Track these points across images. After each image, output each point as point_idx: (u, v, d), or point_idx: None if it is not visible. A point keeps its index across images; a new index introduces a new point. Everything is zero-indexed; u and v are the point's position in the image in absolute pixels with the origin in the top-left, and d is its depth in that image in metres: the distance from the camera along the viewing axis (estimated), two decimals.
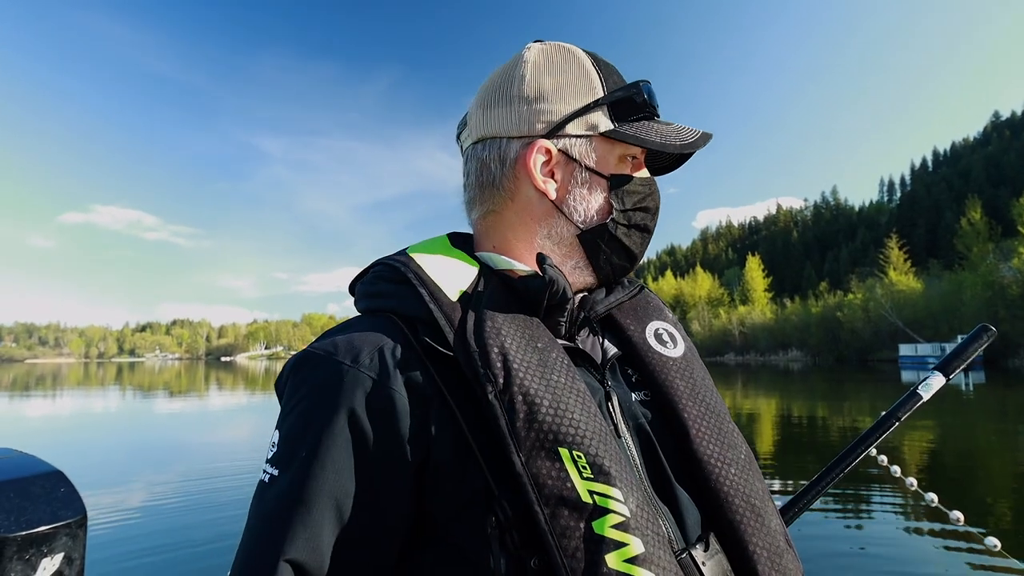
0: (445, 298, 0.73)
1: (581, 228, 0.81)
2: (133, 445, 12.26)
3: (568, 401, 0.66)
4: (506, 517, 0.61)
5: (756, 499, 0.76)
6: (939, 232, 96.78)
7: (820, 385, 29.85)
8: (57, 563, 0.72)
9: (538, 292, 0.75)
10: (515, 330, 0.71)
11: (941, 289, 61.66)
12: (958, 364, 1.11)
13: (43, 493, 0.76)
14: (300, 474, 0.63)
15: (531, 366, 0.67)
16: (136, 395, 28.14)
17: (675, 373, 0.83)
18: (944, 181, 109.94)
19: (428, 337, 0.70)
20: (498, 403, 0.64)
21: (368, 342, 0.70)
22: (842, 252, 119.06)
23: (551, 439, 0.63)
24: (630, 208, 0.81)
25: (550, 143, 0.79)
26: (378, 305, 0.78)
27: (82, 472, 8.99)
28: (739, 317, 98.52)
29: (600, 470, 0.62)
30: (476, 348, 0.67)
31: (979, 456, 9.74)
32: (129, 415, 19.27)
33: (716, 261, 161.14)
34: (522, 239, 0.83)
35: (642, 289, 0.95)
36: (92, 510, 5.04)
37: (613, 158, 0.80)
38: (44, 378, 51.19)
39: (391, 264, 0.79)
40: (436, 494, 0.65)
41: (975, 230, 65.20)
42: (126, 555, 5.33)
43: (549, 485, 0.60)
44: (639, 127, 0.80)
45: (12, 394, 29.11)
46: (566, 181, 0.80)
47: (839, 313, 74.40)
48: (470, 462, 0.64)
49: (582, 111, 0.79)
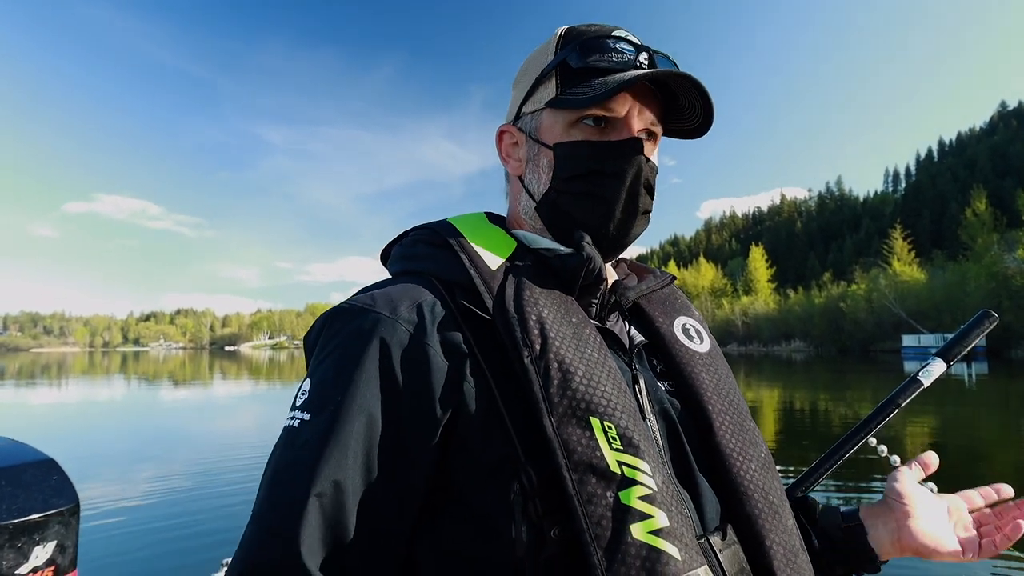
0: (485, 266, 0.74)
1: (535, 200, 0.82)
2: (138, 433, 12.34)
3: (601, 375, 0.67)
4: (531, 484, 0.60)
5: (774, 496, 0.76)
6: (944, 222, 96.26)
7: (823, 375, 29.86)
8: (50, 551, 0.71)
9: (576, 270, 0.75)
10: (552, 303, 0.72)
11: (945, 280, 61.39)
12: (959, 350, 1.09)
13: (35, 481, 0.75)
14: (335, 417, 0.63)
15: (567, 338, 0.69)
16: (141, 384, 28.29)
17: (701, 367, 0.83)
18: (949, 171, 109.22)
19: (466, 301, 0.71)
20: (534, 368, 0.65)
21: (408, 295, 0.71)
22: (846, 242, 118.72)
23: (583, 408, 0.63)
24: (573, 175, 0.78)
25: (512, 126, 0.85)
26: (416, 267, 0.79)
27: (87, 461, 9.08)
28: (742, 307, 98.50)
29: (629, 442, 0.62)
30: (515, 315, 0.68)
31: (981, 447, 9.75)
32: (134, 404, 19.39)
33: (720, 251, 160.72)
34: (513, 214, 0.89)
35: (673, 280, 0.96)
36: (97, 498, 5.10)
37: (559, 127, 0.79)
38: (49, 367, 51.41)
39: (433, 229, 0.81)
40: (461, 456, 0.65)
41: (980, 220, 64.73)
42: (131, 542, 5.38)
43: (579, 452, 0.61)
44: (583, 88, 0.76)
45: (18, 383, 29.25)
46: (524, 158, 0.84)
47: (842, 304, 74.25)
48: (497, 427, 0.64)
49: (533, 87, 0.81)
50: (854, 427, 1.04)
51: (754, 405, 15.53)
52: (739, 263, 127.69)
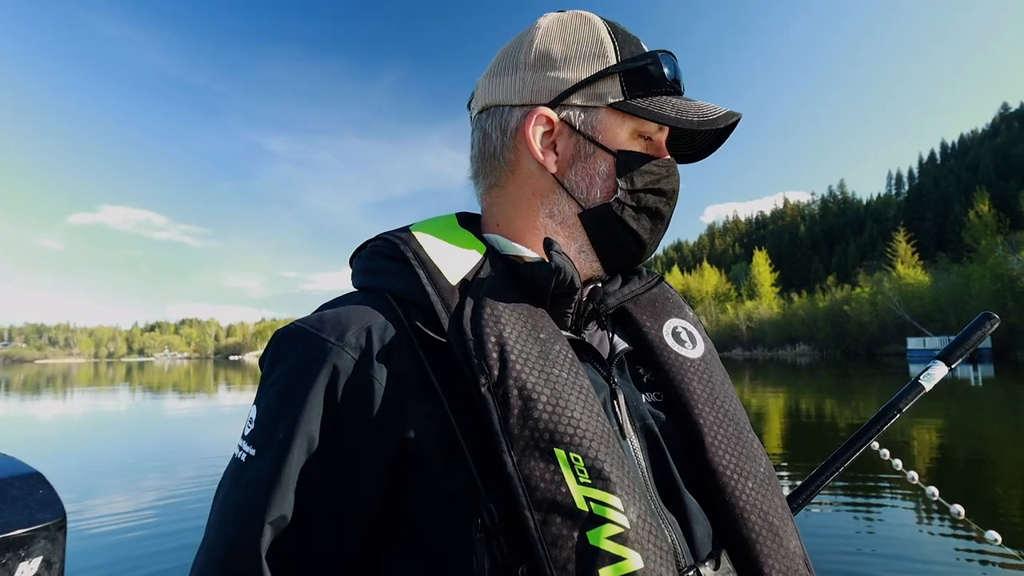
0: (444, 281, 0.68)
1: (583, 207, 0.75)
2: (140, 446, 12.29)
3: (569, 398, 0.61)
4: (492, 520, 0.56)
5: (774, 517, 0.70)
6: (947, 225, 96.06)
7: (827, 379, 29.73)
8: (35, 567, 0.70)
9: (544, 280, 0.69)
10: (516, 319, 0.66)
11: (949, 282, 61.15)
12: (961, 353, 1.08)
13: (21, 495, 0.73)
14: (277, 458, 0.60)
15: (531, 358, 0.63)
16: (146, 395, 28.27)
17: (692, 375, 0.77)
18: (952, 174, 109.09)
19: (421, 321, 0.66)
20: (491, 396, 0.59)
21: (357, 319, 0.67)
22: (850, 246, 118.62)
23: (547, 438, 0.58)
24: (640, 188, 0.73)
25: (552, 112, 0.74)
26: (373, 282, 0.74)
27: (86, 473, 9.06)
28: (746, 312, 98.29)
29: (599, 475, 0.57)
30: (472, 336, 0.63)
31: (985, 450, 9.67)
32: (138, 415, 19.33)
33: (723, 256, 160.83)
34: (524, 216, 0.78)
35: (660, 281, 0.88)
36: (101, 512, 5.07)
37: (623, 133, 0.73)
38: (54, 378, 51.49)
39: (390, 240, 0.75)
40: (417, 490, 0.61)
41: (983, 223, 64.42)
42: (125, 555, 5.34)
43: (542, 488, 0.56)
44: (653, 101, 0.73)
45: (23, 394, 29.28)
46: (568, 154, 0.75)
47: (846, 307, 73.97)
48: (456, 458, 0.60)
49: (590, 80, 0.73)
50: (855, 433, 1.01)
51: (759, 410, 15.42)
52: (743, 267, 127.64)
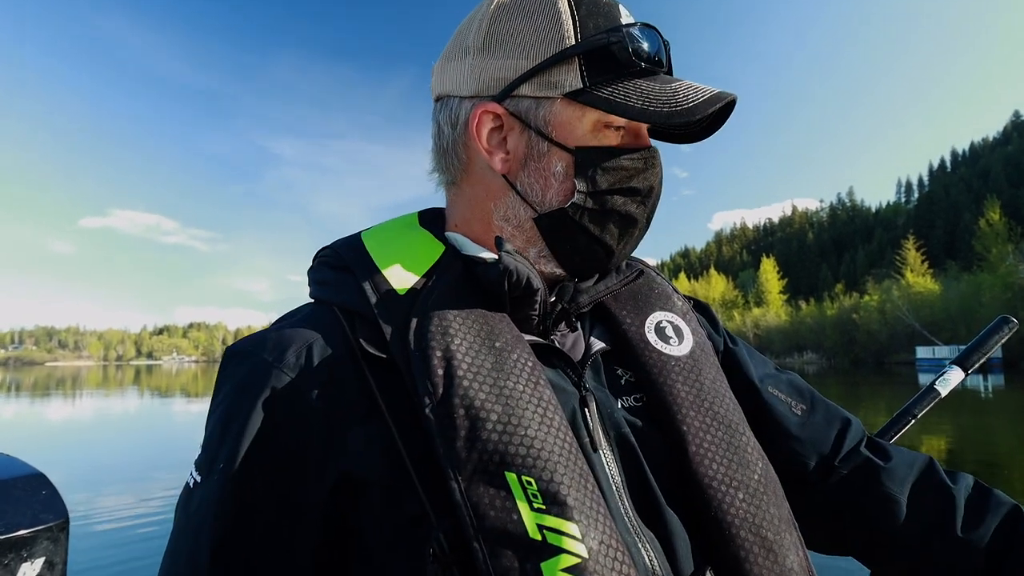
0: (390, 292, 0.64)
1: (537, 211, 0.68)
2: (147, 447, 12.37)
3: (523, 413, 0.57)
4: (443, 551, 0.52)
5: (768, 531, 0.64)
6: (957, 233, 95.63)
7: (836, 388, 29.51)
8: (38, 568, 0.70)
9: (496, 283, 0.64)
10: (468, 328, 0.62)
11: (959, 291, 60.87)
12: (978, 358, 1.03)
13: (23, 496, 0.73)
14: (218, 485, 0.58)
15: (482, 372, 0.58)
16: (154, 398, 28.40)
17: (676, 375, 0.71)
18: (963, 181, 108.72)
19: (366, 336, 0.62)
20: (435, 418, 0.55)
21: (300, 336, 0.64)
22: (858, 253, 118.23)
23: (497, 461, 0.54)
24: (604, 190, 0.66)
25: (499, 107, 0.66)
26: (322, 294, 0.70)
27: (97, 475, 9.11)
28: (753, 319, 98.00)
29: (554, 499, 0.53)
30: (416, 351, 0.59)
31: (995, 460, 9.58)
32: (146, 417, 19.44)
33: (731, 263, 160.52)
34: (479, 219, 0.72)
35: (641, 274, 0.80)
36: (105, 513, 5.09)
37: (584, 126, 0.65)
38: (64, 380, 51.80)
39: (336, 249, 0.71)
40: (366, 516, 0.58)
41: (994, 231, 64.09)
42: (130, 557, 5.34)
43: (491, 517, 0.52)
44: (621, 88, 0.63)
45: (33, 396, 29.50)
46: (520, 153, 0.67)
47: (855, 315, 73.75)
48: (405, 485, 0.56)
49: (543, 66, 0.64)
50: None
51: None
52: (750, 275, 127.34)
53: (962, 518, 0.73)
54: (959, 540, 0.72)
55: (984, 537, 0.71)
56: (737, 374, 0.83)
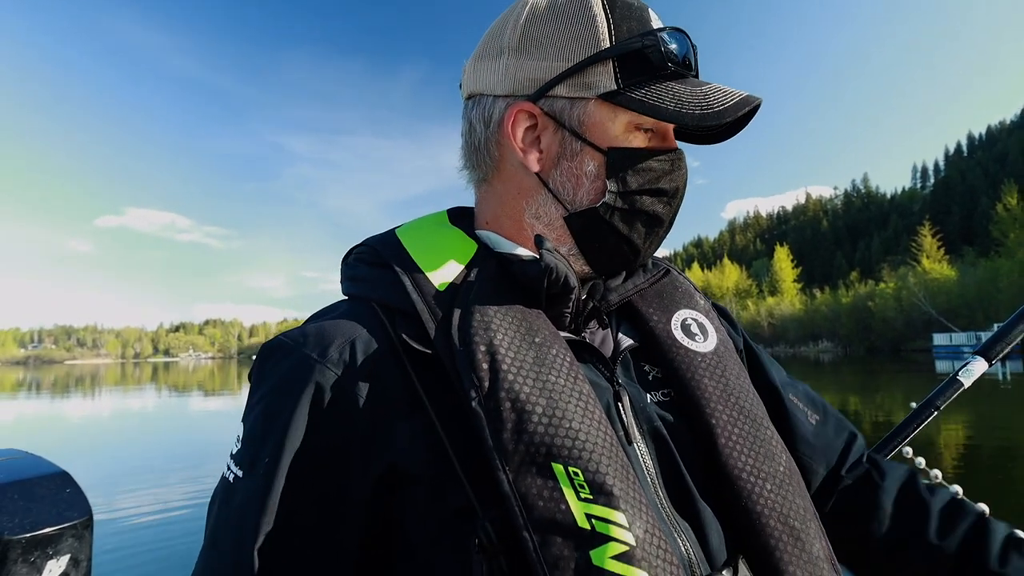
0: (430, 286, 0.65)
1: (568, 210, 0.69)
2: (166, 445, 12.53)
3: (567, 407, 0.58)
4: (490, 541, 0.53)
5: (795, 520, 0.66)
6: (974, 218, 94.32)
7: (852, 377, 29.31)
8: (63, 565, 0.71)
9: (536, 280, 0.66)
10: (509, 324, 0.63)
11: (976, 277, 60.19)
12: (1001, 348, 1.02)
13: (48, 494, 0.75)
14: (264, 480, 0.59)
15: (525, 366, 0.60)
16: (172, 394, 28.76)
17: (703, 370, 0.73)
18: (979, 166, 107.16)
19: (407, 332, 0.62)
20: (482, 410, 0.56)
21: (341, 332, 0.64)
22: (874, 241, 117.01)
23: (544, 453, 0.55)
24: (633, 190, 0.67)
25: (535, 106, 0.68)
26: (359, 291, 0.71)
27: (118, 472, 9.27)
28: (767, 308, 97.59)
29: (601, 489, 0.54)
30: (460, 346, 0.60)
31: (1013, 449, 9.45)
32: (166, 414, 19.70)
33: (744, 252, 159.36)
34: (510, 216, 0.73)
35: (668, 273, 0.83)
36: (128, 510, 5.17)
37: (617, 127, 0.67)
38: (83, 379, 52.57)
39: (373, 246, 0.72)
40: (411, 510, 0.59)
41: (1011, 215, 63.27)
42: (153, 555, 5.44)
43: (540, 507, 0.53)
44: (653, 90, 0.65)
45: (54, 395, 29.94)
46: (553, 152, 0.69)
47: (870, 303, 73.14)
48: (450, 478, 0.57)
49: (578, 67, 0.65)
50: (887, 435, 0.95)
51: None
52: (764, 263, 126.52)
53: (935, 526, 0.77)
54: (932, 546, 0.76)
55: (953, 544, 0.75)
56: (759, 375, 0.86)
